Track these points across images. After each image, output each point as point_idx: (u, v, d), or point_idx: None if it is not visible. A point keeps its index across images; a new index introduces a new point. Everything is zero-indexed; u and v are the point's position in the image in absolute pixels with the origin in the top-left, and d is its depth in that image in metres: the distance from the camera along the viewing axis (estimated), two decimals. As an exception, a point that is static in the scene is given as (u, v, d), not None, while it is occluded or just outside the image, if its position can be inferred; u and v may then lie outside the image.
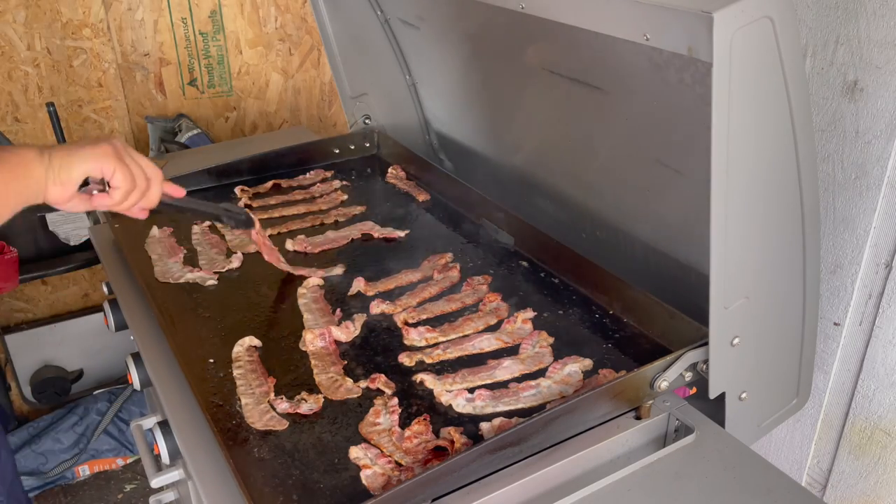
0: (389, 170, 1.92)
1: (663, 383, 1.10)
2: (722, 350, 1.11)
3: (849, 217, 1.39)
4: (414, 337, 1.29)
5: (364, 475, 1.02)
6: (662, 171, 1.23)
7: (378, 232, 1.63)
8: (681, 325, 1.20)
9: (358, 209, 1.74)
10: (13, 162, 0.95)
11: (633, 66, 1.12)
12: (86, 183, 1.05)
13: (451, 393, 1.16)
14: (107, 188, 1.07)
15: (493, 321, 1.34)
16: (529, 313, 1.34)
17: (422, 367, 1.23)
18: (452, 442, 1.06)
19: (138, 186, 1.09)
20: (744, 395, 1.18)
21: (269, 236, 1.58)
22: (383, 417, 1.12)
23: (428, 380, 1.19)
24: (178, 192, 1.22)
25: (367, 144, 2.03)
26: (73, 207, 1.06)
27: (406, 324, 1.33)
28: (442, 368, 1.23)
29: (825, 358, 1.51)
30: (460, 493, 1.01)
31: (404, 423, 1.11)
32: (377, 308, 1.37)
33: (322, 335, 1.28)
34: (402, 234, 1.63)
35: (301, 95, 2.91)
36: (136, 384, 1.37)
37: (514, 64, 1.47)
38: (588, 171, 1.46)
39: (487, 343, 1.28)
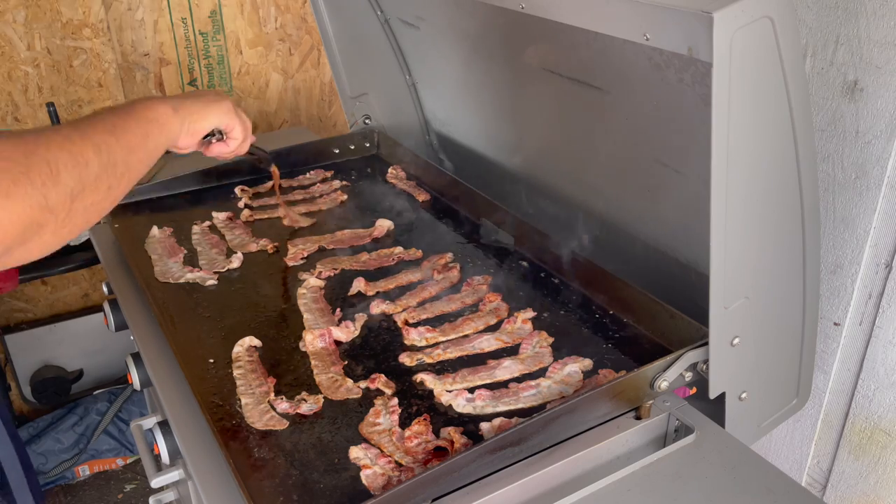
0: (389, 170, 1.92)
1: (663, 383, 1.10)
2: (722, 350, 1.11)
3: (849, 217, 1.39)
4: (414, 337, 1.29)
5: (364, 475, 1.02)
6: (662, 171, 1.23)
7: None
8: (681, 325, 1.20)
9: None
10: (150, 117, 1.01)
11: (633, 66, 1.12)
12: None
13: (451, 393, 1.16)
14: (224, 137, 1.28)
15: (493, 321, 1.34)
16: (529, 313, 1.34)
17: (422, 366, 1.23)
18: (452, 442, 1.06)
19: (248, 133, 1.30)
20: (744, 395, 1.18)
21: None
22: (383, 417, 1.12)
23: (428, 380, 1.19)
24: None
25: (367, 144, 2.03)
26: (189, 151, 1.20)
27: (406, 324, 1.33)
28: (442, 368, 1.23)
29: (825, 358, 1.51)
30: (460, 493, 1.01)
31: (404, 423, 1.11)
32: (377, 308, 1.37)
33: (322, 335, 1.28)
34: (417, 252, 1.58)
35: (301, 95, 2.91)
36: (136, 384, 1.37)
37: (514, 64, 1.47)
38: (588, 171, 1.46)
39: (487, 343, 1.28)
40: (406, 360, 1.24)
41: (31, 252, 0.78)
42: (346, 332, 1.30)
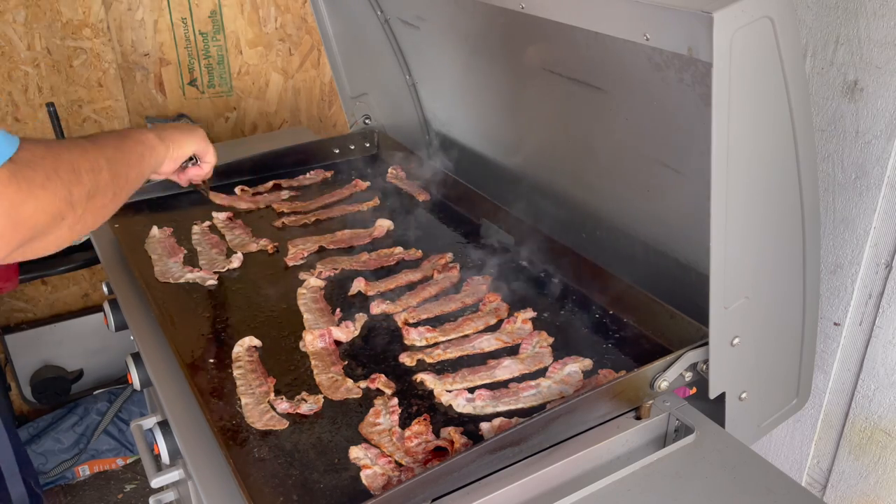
0: (389, 170, 1.92)
1: (663, 383, 1.10)
2: (722, 350, 1.11)
3: (849, 217, 1.39)
4: (414, 337, 1.29)
5: (364, 475, 1.02)
6: (662, 171, 1.23)
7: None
8: (681, 325, 1.20)
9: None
10: (144, 142, 1.17)
11: (633, 66, 1.12)
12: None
13: (452, 393, 1.16)
14: (198, 162, 1.40)
15: (493, 321, 1.34)
16: (529, 313, 1.34)
17: (422, 366, 1.23)
18: (452, 442, 1.06)
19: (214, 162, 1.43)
20: (744, 395, 1.18)
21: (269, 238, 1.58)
22: (383, 417, 1.12)
23: (428, 380, 1.19)
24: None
25: (367, 144, 2.03)
26: (168, 176, 1.36)
27: (406, 324, 1.33)
28: (442, 368, 1.23)
29: (825, 358, 1.51)
30: (460, 493, 1.01)
31: (404, 423, 1.11)
32: (377, 308, 1.37)
33: (322, 336, 1.28)
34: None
35: (301, 95, 2.91)
36: (136, 384, 1.37)
37: (514, 64, 1.47)
38: (588, 171, 1.46)
39: (487, 343, 1.28)
40: (406, 360, 1.24)
41: (48, 245, 0.90)
42: (346, 332, 1.30)
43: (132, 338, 1.39)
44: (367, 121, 2.04)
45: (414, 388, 1.19)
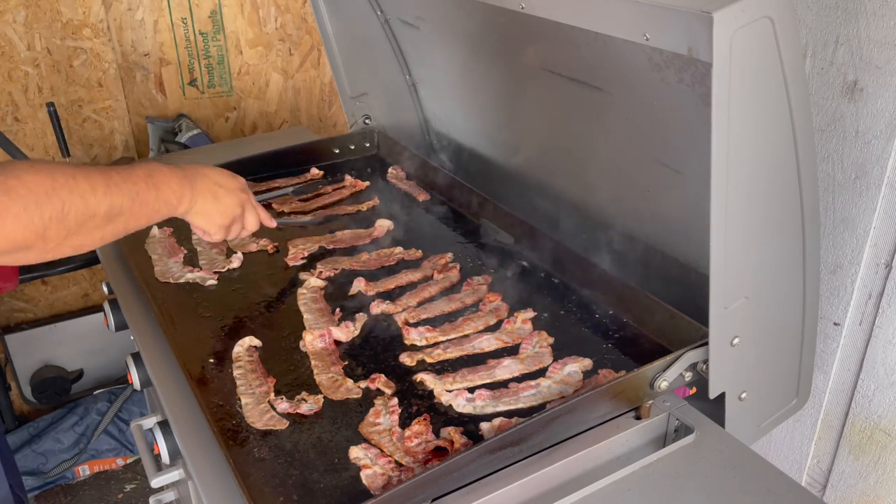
0: (389, 170, 1.92)
1: (663, 383, 1.10)
2: (722, 350, 1.11)
3: (849, 217, 1.39)
4: (414, 337, 1.29)
5: (364, 475, 1.02)
6: (662, 171, 1.23)
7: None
8: (681, 325, 1.20)
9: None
10: (170, 202, 1.09)
11: (633, 66, 1.12)
12: None
13: (451, 393, 1.16)
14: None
15: (493, 321, 1.34)
16: (529, 313, 1.34)
17: (422, 366, 1.23)
18: (452, 442, 1.06)
19: (229, 237, 1.29)
20: (744, 395, 1.18)
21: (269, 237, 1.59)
22: (383, 417, 1.12)
23: (428, 380, 1.19)
24: (270, 223, 1.40)
25: (367, 144, 2.03)
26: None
27: (406, 324, 1.33)
28: (442, 368, 1.23)
29: (825, 358, 1.51)
30: (460, 493, 1.01)
31: (404, 423, 1.11)
32: (377, 308, 1.37)
33: (322, 336, 1.28)
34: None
35: (301, 95, 2.91)
36: (136, 384, 1.37)
37: (514, 64, 1.47)
38: (588, 171, 1.46)
39: (487, 343, 1.28)
40: (406, 360, 1.24)
41: (6, 260, 0.87)
42: (346, 332, 1.30)
43: (132, 338, 1.39)
44: (367, 121, 2.04)
45: (414, 388, 1.19)
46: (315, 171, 1.92)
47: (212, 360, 1.25)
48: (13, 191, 0.84)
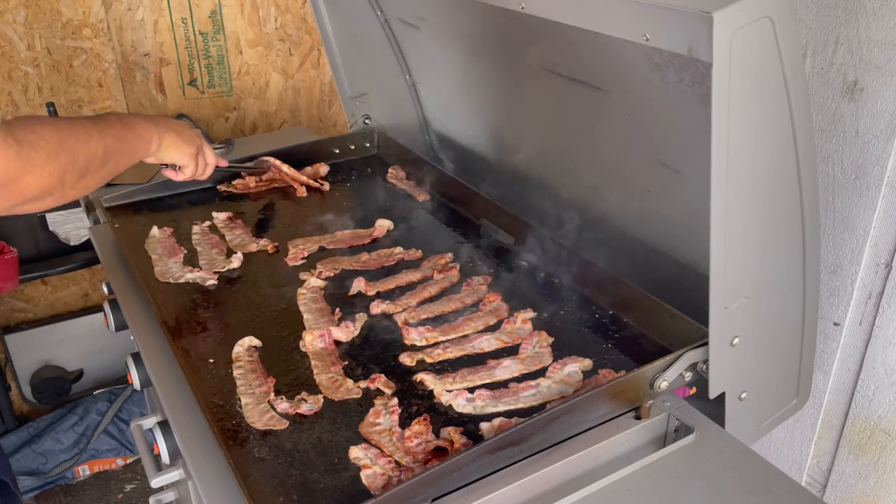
0: (389, 170, 1.92)
1: (663, 383, 1.10)
2: (722, 350, 1.11)
3: (849, 217, 1.40)
4: (414, 337, 1.29)
5: (364, 475, 1.02)
6: (662, 171, 1.23)
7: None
8: (681, 325, 1.20)
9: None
10: (144, 137, 1.28)
11: (633, 66, 1.12)
12: None
13: (451, 393, 1.16)
14: (177, 168, 1.49)
15: (493, 321, 1.34)
16: (529, 313, 1.34)
17: (422, 366, 1.23)
18: (452, 442, 1.06)
19: (197, 172, 1.50)
20: (744, 395, 1.18)
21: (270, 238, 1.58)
22: (383, 417, 1.12)
23: (428, 380, 1.19)
24: (223, 162, 1.64)
25: (367, 144, 2.03)
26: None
27: (406, 324, 1.33)
28: (442, 368, 1.23)
29: (825, 358, 1.51)
30: (460, 493, 1.01)
31: (404, 423, 1.11)
32: (377, 308, 1.37)
33: (322, 336, 1.28)
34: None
35: (301, 95, 2.91)
36: (136, 384, 1.37)
37: (514, 64, 1.47)
38: (588, 171, 1.46)
39: (487, 343, 1.28)
40: (406, 360, 1.24)
41: (26, 209, 1.00)
42: (346, 332, 1.30)
43: (132, 338, 1.39)
44: (367, 121, 2.04)
45: (414, 388, 1.19)
46: (318, 166, 1.92)
47: (212, 360, 1.25)
48: (34, 143, 0.96)
